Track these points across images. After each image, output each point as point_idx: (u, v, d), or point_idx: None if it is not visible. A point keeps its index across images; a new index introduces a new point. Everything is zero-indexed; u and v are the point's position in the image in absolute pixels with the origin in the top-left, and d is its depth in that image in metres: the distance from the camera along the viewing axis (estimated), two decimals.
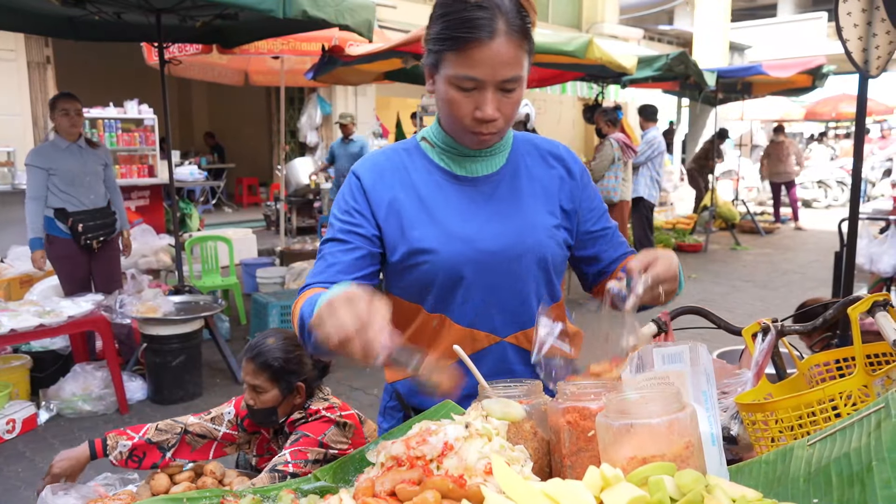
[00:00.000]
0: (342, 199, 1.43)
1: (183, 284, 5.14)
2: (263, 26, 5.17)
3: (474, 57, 1.23)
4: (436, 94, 1.35)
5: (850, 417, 0.92)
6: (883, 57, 2.47)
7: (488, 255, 1.38)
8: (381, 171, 1.43)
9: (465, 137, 1.37)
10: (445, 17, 1.26)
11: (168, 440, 2.30)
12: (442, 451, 1.00)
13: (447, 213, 1.39)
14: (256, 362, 2.25)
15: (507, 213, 1.42)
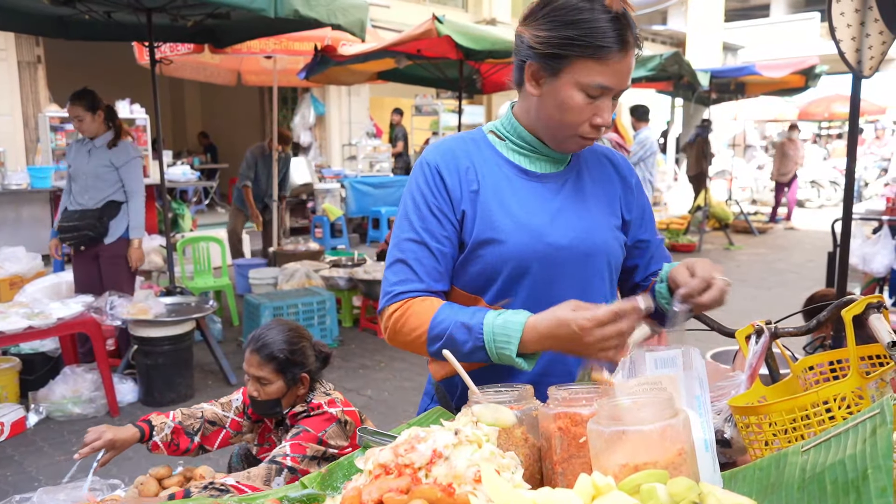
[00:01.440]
0: (420, 193, 1.39)
1: (174, 285, 5.11)
2: (255, 26, 5.15)
3: (611, 66, 1.27)
4: (542, 96, 1.34)
5: (845, 423, 0.91)
6: (876, 57, 2.46)
7: (557, 249, 1.38)
8: (456, 161, 1.41)
9: (567, 142, 1.38)
10: (581, 24, 1.26)
11: (192, 425, 2.34)
12: (430, 459, 0.98)
13: (517, 206, 1.39)
14: (261, 354, 2.26)
15: (575, 211, 1.43)
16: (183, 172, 9.79)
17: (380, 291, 1.44)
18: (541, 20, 1.30)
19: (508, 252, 1.36)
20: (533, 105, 1.38)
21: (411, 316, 1.33)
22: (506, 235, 1.36)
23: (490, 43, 5.31)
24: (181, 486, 2.26)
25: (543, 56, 1.30)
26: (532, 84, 1.34)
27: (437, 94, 11.89)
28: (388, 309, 1.36)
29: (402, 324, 1.34)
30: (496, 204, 1.38)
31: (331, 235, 9.43)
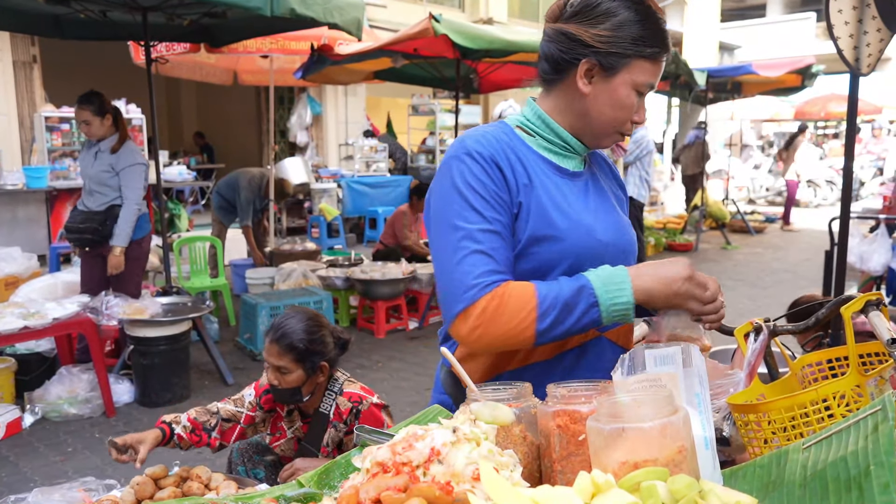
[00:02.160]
0: (478, 182, 1.32)
1: (171, 285, 5.09)
2: (252, 25, 5.14)
3: (659, 67, 1.36)
4: (594, 94, 1.35)
5: (846, 420, 0.90)
6: (874, 55, 2.46)
7: (604, 246, 1.40)
8: (505, 152, 1.36)
9: (606, 139, 1.42)
10: (644, 25, 1.32)
11: (209, 421, 2.40)
12: (429, 457, 0.97)
13: (565, 202, 1.39)
14: (281, 344, 2.30)
15: (606, 210, 1.46)
16: (179, 172, 9.77)
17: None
18: (598, 19, 1.32)
19: (566, 249, 1.35)
20: (575, 101, 1.38)
21: (511, 298, 1.26)
22: (563, 232, 1.35)
23: (487, 42, 5.30)
24: (177, 485, 2.25)
25: (604, 55, 1.32)
26: (584, 81, 1.35)
27: (434, 94, 11.87)
28: (480, 302, 1.26)
29: (502, 310, 1.26)
30: (547, 199, 1.37)
31: (328, 235, 9.42)
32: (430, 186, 1.41)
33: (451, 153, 1.37)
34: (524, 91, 12.59)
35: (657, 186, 12.19)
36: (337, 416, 2.36)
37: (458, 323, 1.29)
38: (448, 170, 1.36)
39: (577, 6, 1.35)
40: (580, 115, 1.39)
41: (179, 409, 4.36)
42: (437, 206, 1.37)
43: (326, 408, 2.40)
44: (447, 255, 1.31)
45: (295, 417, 2.48)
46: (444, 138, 11.90)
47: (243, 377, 4.92)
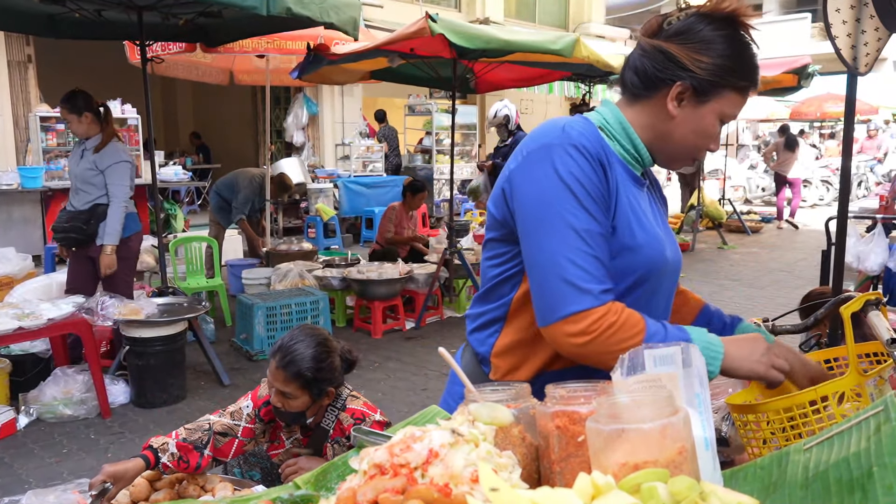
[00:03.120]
0: (584, 176, 1.27)
1: (167, 286, 5.07)
2: (248, 24, 5.12)
3: (745, 101, 1.35)
4: (681, 117, 1.33)
5: (848, 421, 0.90)
6: (871, 54, 2.46)
7: (667, 262, 1.39)
8: (604, 151, 1.32)
9: (681, 161, 1.41)
10: (742, 57, 1.31)
11: (200, 438, 2.27)
12: (427, 459, 0.96)
13: (642, 213, 1.37)
14: (288, 371, 2.19)
15: (665, 224, 1.47)
16: (175, 173, 9.75)
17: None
18: (699, 44, 1.29)
19: (641, 261, 1.33)
20: (660, 121, 1.35)
21: (626, 322, 1.24)
22: (640, 244, 1.33)
23: (484, 42, 5.29)
24: (172, 487, 2.24)
25: (699, 80, 1.30)
26: (674, 104, 1.32)
27: (431, 94, 11.87)
28: (596, 312, 1.23)
29: (617, 330, 1.24)
30: (629, 208, 1.34)
31: (324, 235, 9.40)
32: (519, 169, 1.33)
33: (552, 140, 1.30)
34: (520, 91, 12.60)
35: None
36: (339, 431, 2.32)
37: (566, 325, 1.25)
38: (549, 157, 1.28)
39: (678, 27, 1.32)
40: (662, 135, 1.37)
41: (175, 410, 4.35)
42: (537, 194, 1.29)
43: (328, 423, 2.36)
44: (557, 249, 1.26)
45: (294, 429, 2.45)
46: (441, 138, 11.89)
47: (240, 377, 4.91)
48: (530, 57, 5.95)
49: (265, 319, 5.30)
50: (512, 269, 1.39)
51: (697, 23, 1.31)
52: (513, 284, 1.40)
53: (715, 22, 1.30)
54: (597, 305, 1.23)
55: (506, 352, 1.42)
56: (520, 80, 7.24)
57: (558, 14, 15.95)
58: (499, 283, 1.42)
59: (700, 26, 1.30)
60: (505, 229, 1.38)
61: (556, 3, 15.89)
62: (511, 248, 1.39)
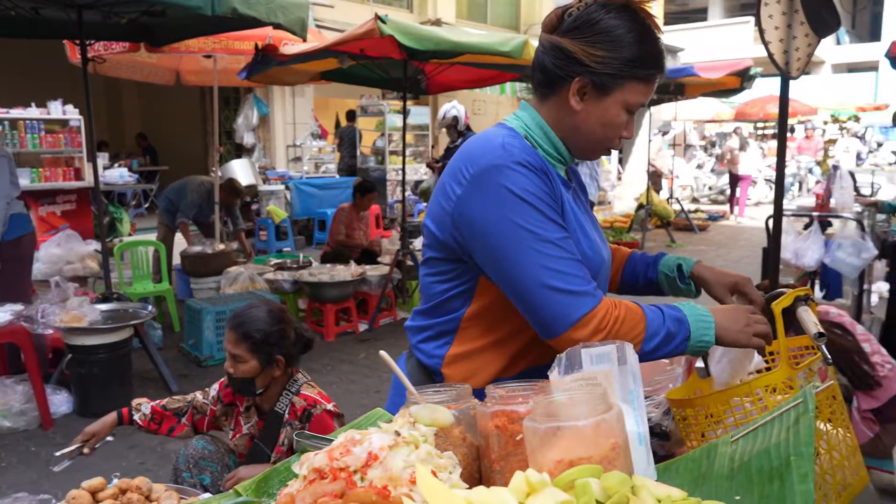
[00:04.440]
0: (538, 190, 1.28)
1: (111, 291, 4.94)
2: (193, 24, 5.03)
3: (652, 88, 1.35)
4: (585, 111, 1.33)
5: (771, 413, 0.93)
6: (802, 59, 2.55)
7: (603, 263, 1.43)
8: (542, 161, 1.33)
9: (595, 154, 1.42)
10: (642, 46, 1.29)
11: (181, 408, 2.48)
12: (366, 462, 0.96)
13: (579, 217, 1.39)
14: (238, 332, 2.31)
15: (594, 221, 1.49)
16: (120, 175, 9.50)
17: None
18: (595, 38, 1.28)
19: (588, 267, 1.33)
20: (567, 116, 1.36)
21: (628, 315, 1.27)
22: (586, 250, 1.35)
23: (434, 43, 5.30)
24: (116, 498, 2.19)
25: (597, 75, 1.29)
26: (576, 99, 1.33)
27: (383, 95, 11.83)
28: (600, 310, 1.25)
29: (622, 323, 1.26)
30: (572, 216, 1.35)
31: (276, 238, 9.28)
32: (468, 196, 1.30)
33: (495, 161, 1.28)
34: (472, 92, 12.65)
35: (604, 186, 12.42)
36: (293, 415, 2.35)
37: (576, 331, 1.24)
38: (498, 179, 1.27)
39: (575, 21, 1.31)
40: (571, 130, 1.37)
41: None
42: (499, 218, 1.26)
43: (282, 407, 2.39)
44: (538, 263, 1.25)
45: (252, 414, 2.48)
46: (394, 139, 11.87)
47: (188, 384, 4.81)
48: (481, 58, 5.98)
49: (214, 324, 5.21)
50: (461, 287, 1.39)
51: (595, 14, 1.29)
52: (463, 301, 1.40)
53: (612, 12, 1.29)
54: (598, 303, 1.26)
55: (458, 361, 1.42)
56: (471, 81, 7.27)
57: (510, 15, 16.08)
58: (447, 300, 1.41)
59: (597, 17, 1.29)
60: (448, 251, 1.38)
61: (508, 5, 16.02)
62: (455, 266, 1.38)
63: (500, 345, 1.39)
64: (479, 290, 1.37)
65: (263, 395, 2.41)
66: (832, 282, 5.31)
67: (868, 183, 11.83)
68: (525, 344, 1.38)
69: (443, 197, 1.36)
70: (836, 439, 1.36)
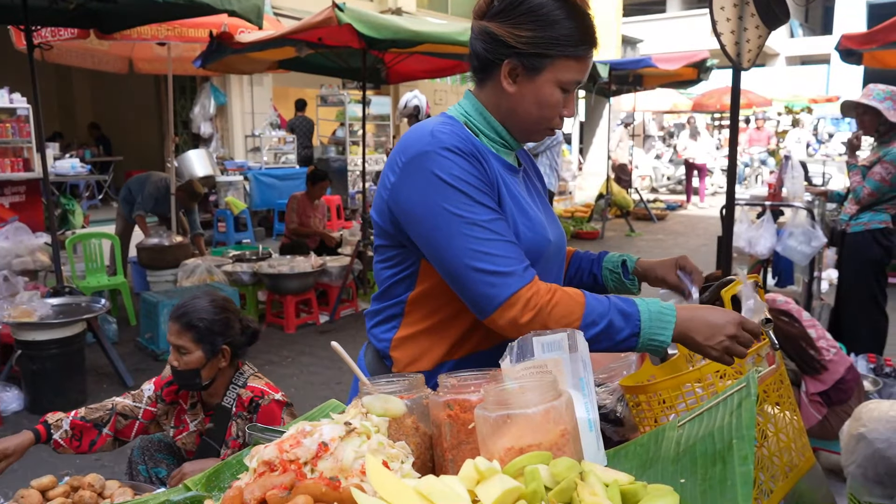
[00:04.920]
0: (466, 174, 1.28)
1: (62, 285, 4.81)
2: (145, 10, 4.90)
3: (585, 63, 1.34)
4: (519, 93, 1.34)
5: (716, 398, 0.95)
6: (753, 50, 2.60)
7: (551, 245, 1.42)
8: (475, 146, 1.34)
9: (536, 135, 1.41)
10: (568, 23, 1.29)
11: (101, 417, 2.31)
12: (316, 453, 0.95)
13: (521, 200, 1.39)
14: (181, 322, 2.24)
15: (545, 206, 1.49)
16: (72, 165, 9.24)
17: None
18: (519, 18, 1.29)
19: (528, 248, 1.34)
20: (503, 99, 1.37)
21: (563, 300, 1.26)
22: (526, 231, 1.35)
23: (392, 32, 5.27)
24: (67, 496, 2.14)
25: (526, 56, 1.30)
26: (508, 81, 1.34)
27: (343, 85, 11.70)
28: (526, 290, 1.25)
29: (554, 307, 1.25)
30: (510, 198, 1.36)
31: (235, 229, 9.15)
32: (400, 183, 1.32)
33: (424, 147, 1.30)
34: (433, 82, 12.61)
35: (565, 176, 12.52)
36: (239, 406, 2.29)
37: (505, 311, 1.25)
38: (426, 165, 1.29)
39: (502, 4, 1.31)
40: (508, 113, 1.39)
41: None
42: (426, 203, 1.28)
43: (229, 401, 2.33)
44: (465, 246, 1.26)
45: (198, 410, 2.41)
46: (355, 129, 11.77)
47: (145, 378, 4.67)
48: (441, 48, 5.96)
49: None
50: (404, 272, 1.42)
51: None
52: (406, 286, 1.42)
53: None
54: (526, 283, 1.27)
55: (404, 345, 1.44)
56: (432, 70, 7.25)
57: (470, 5, 15.82)
58: (393, 285, 1.44)
59: (514, 1, 1.30)
60: (391, 238, 1.41)
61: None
62: (399, 251, 1.41)
63: (442, 327, 1.41)
64: (421, 274, 1.40)
65: (209, 389, 2.34)
66: (784, 269, 5.45)
67: (820, 173, 12.15)
68: (467, 327, 1.40)
69: (381, 186, 1.39)
70: (783, 422, 1.40)
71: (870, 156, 4.36)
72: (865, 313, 4.40)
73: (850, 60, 6.22)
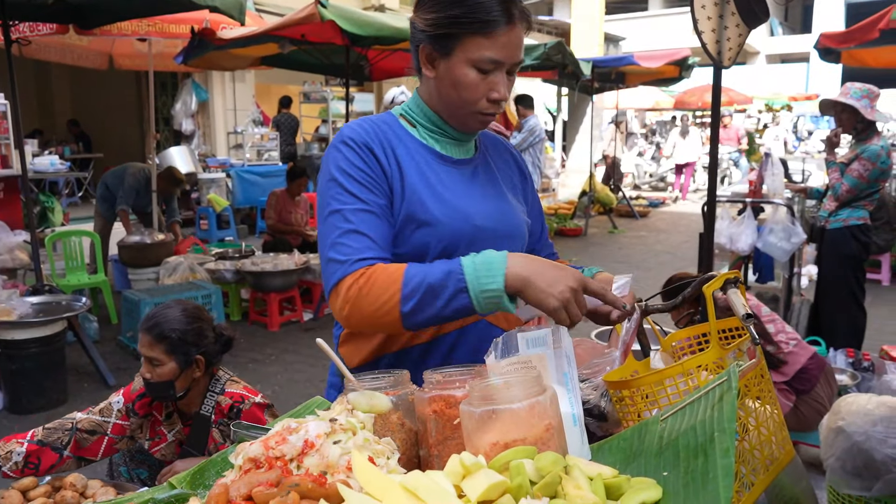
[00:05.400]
0: (353, 167, 1.33)
1: (42, 283, 4.75)
2: (125, 6, 4.84)
3: (500, 40, 1.29)
4: (438, 77, 1.35)
5: (698, 391, 0.96)
6: (734, 48, 2.62)
7: (483, 231, 1.40)
8: (380, 138, 1.38)
9: (468, 120, 1.39)
10: (466, 2, 1.28)
11: (60, 439, 2.17)
12: (302, 450, 0.96)
13: (443, 188, 1.39)
14: (152, 334, 2.18)
15: (493, 196, 1.47)
16: (51, 162, 9.13)
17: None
18: (428, 3, 1.33)
19: (439, 233, 1.36)
20: (432, 87, 1.40)
21: (378, 279, 1.23)
22: (435, 216, 1.36)
23: (375, 29, 5.25)
24: (48, 496, 2.12)
25: (434, 38, 1.32)
26: (427, 67, 1.37)
27: (326, 81, 11.65)
28: (347, 279, 1.26)
29: (369, 289, 1.23)
30: (423, 185, 1.37)
31: (217, 227, 9.09)
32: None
33: (331, 144, 1.40)
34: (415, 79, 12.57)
35: (549, 173, 12.56)
36: (220, 414, 2.25)
37: (331, 299, 1.31)
38: (327, 160, 1.38)
39: None
40: (437, 99, 1.41)
41: (55, 415, 4.09)
42: (319, 195, 1.39)
43: (207, 409, 2.27)
44: (324, 237, 1.33)
45: (175, 420, 2.34)
46: (338, 126, 11.73)
47: (126, 377, 4.68)
48: None
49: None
50: None
51: None
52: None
53: None
54: (347, 274, 1.27)
55: (348, 340, 1.48)
56: (405, 68, 7.23)
57: None
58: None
59: None
60: None
61: None
62: None
63: None
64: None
65: (185, 399, 2.27)
66: (765, 265, 5.51)
67: (799, 170, 12.29)
68: None
69: None
70: (763, 416, 1.41)
71: (848, 153, 4.42)
72: (844, 308, 4.47)
73: (829, 59, 6.29)
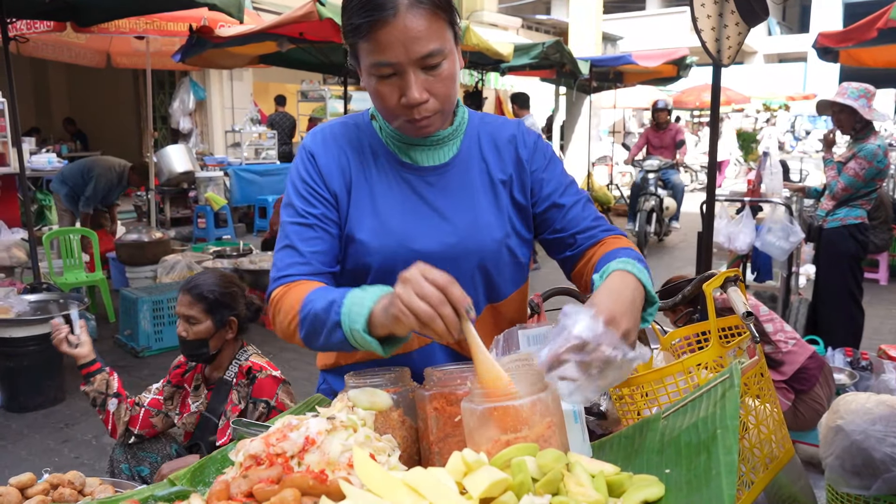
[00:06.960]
0: (300, 178, 1.33)
1: (40, 281, 4.75)
2: (122, 3, 4.84)
3: (381, 40, 1.13)
4: (366, 86, 1.28)
5: (700, 389, 0.96)
6: (733, 47, 2.63)
7: (422, 255, 1.17)
8: (336, 145, 1.34)
9: (404, 128, 1.26)
10: (345, 11, 1.19)
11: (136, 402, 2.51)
12: (303, 447, 0.95)
13: (387, 206, 1.31)
14: (192, 293, 2.39)
15: (451, 210, 1.32)
16: (49, 160, 9.09)
17: (267, 281, 1.35)
18: (343, 11, 1.24)
19: (372, 255, 1.29)
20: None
21: (287, 299, 1.20)
22: (370, 237, 1.29)
23: None
24: (46, 493, 2.11)
25: (348, 49, 1.24)
26: (363, 80, 1.28)
27: (324, 80, 11.64)
28: (273, 295, 1.26)
29: (279, 308, 1.22)
30: (368, 201, 1.31)
31: (215, 225, 9.08)
32: None
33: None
34: None
35: None
36: (240, 375, 2.41)
37: (268, 315, 1.32)
38: (293, 163, 1.39)
39: None
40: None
41: (53, 413, 4.09)
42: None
43: (231, 375, 2.43)
44: (277, 247, 1.34)
45: (200, 392, 2.52)
46: None
47: (124, 375, 4.64)
48: None
49: (151, 314, 5.07)
50: None
51: None
52: None
53: None
54: (272, 290, 1.27)
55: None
56: None
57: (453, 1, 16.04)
58: None
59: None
60: None
61: None
62: None
63: None
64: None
65: (214, 363, 2.45)
66: (763, 264, 5.51)
67: (797, 170, 12.30)
68: None
69: None
70: (763, 414, 1.42)
71: (845, 152, 4.43)
72: (842, 307, 4.47)
73: (827, 58, 6.30)
